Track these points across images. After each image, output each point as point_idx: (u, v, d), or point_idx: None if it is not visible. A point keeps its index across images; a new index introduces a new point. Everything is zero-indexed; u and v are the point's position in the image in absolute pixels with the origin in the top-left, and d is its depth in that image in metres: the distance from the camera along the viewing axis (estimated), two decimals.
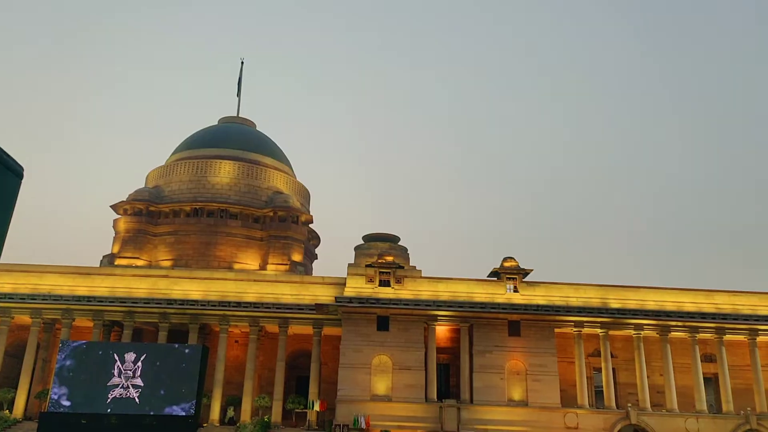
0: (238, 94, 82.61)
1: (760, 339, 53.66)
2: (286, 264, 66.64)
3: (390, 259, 55.46)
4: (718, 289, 55.05)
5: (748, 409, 52.10)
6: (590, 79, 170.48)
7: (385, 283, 54.08)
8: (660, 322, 53.08)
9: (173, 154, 76.76)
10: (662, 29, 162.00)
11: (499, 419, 50.23)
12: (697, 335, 53.38)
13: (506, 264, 55.28)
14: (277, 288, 56.15)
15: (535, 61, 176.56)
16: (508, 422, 50.17)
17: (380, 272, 54.38)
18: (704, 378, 53.56)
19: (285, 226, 68.45)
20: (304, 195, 77.37)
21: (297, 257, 68.25)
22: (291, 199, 70.96)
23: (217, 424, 52.90)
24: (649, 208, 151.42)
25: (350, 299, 52.70)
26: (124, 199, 69.76)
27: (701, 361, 53.47)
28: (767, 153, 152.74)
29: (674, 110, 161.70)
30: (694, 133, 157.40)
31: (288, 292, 55.87)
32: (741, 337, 53.79)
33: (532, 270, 54.68)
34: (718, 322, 52.90)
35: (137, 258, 66.34)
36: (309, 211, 76.32)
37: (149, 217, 68.78)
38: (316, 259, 78.53)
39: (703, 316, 52.90)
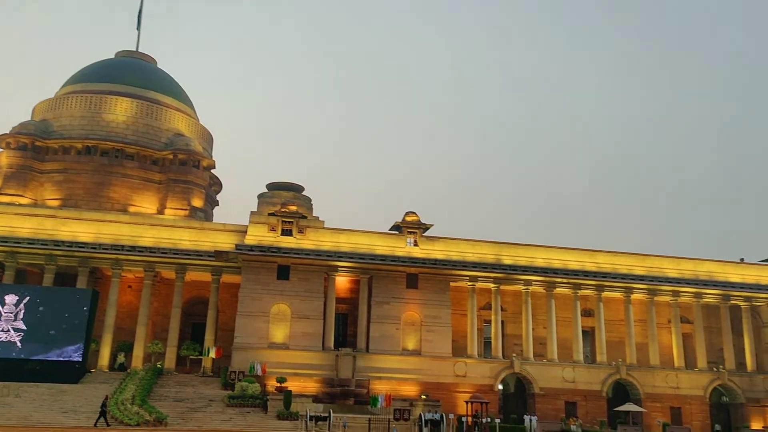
0: (138, 28, 77.75)
1: (634, 296, 58.28)
2: (186, 209, 64.65)
3: (293, 208, 55.13)
4: (600, 250, 59.07)
5: (620, 360, 56.86)
6: (507, 36, 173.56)
7: (287, 233, 53.87)
8: (547, 279, 56.40)
9: (64, 86, 71.56)
10: None
11: (392, 367, 52.08)
12: (579, 291, 57.25)
13: (408, 218, 56.46)
14: (175, 233, 54.53)
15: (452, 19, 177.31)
16: (401, 370, 52.15)
17: (283, 221, 54.06)
18: (583, 331, 57.83)
19: (185, 170, 66.07)
20: (207, 139, 74.80)
21: (197, 203, 66.32)
22: (193, 142, 68.39)
23: (106, 370, 51.45)
24: (548, 167, 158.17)
25: (251, 247, 52.19)
26: (7, 132, 64.60)
27: (581, 315, 57.54)
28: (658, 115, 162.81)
29: (583, 74, 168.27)
30: (598, 100, 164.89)
31: (186, 238, 54.43)
32: (617, 294, 58.19)
33: (432, 225, 56.21)
34: (598, 280, 56.90)
35: (21, 196, 62.00)
36: (211, 156, 73.96)
37: (35, 152, 64.17)
38: (218, 205, 76.70)
39: (586, 273, 56.74)
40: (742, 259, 62.96)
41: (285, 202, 56.78)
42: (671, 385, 56.16)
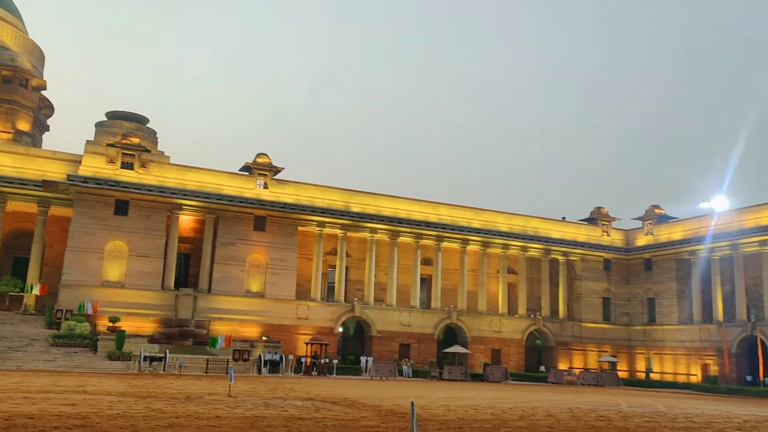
0: None
1: (469, 248, 62.46)
2: (9, 132, 58.27)
3: (136, 140, 51.90)
4: (442, 203, 62.33)
5: (452, 306, 61.07)
6: None
7: (128, 166, 50.77)
8: (392, 228, 58.64)
9: None
10: None
11: (235, 309, 51.85)
12: (420, 241, 60.22)
13: (259, 160, 55.53)
14: None
15: None
16: (244, 312, 52.10)
17: (123, 153, 50.79)
18: (421, 278, 61.20)
19: (11, 89, 59.21)
20: (38, 56, 67.35)
21: (23, 126, 59.99)
22: (19, 57, 61.25)
23: None
24: (400, 121, 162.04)
25: (86, 179, 48.62)
26: None
27: (421, 263, 60.73)
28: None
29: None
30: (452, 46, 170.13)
31: (9, 164, 49.37)
32: (455, 245, 62.01)
33: (283, 168, 55.82)
34: (439, 231, 60.21)
35: None
36: (42, 76, 66.90)
37: None
38: (48, 131, 69.91)
39: (428, 224, 59.75)
40: (563, 218, 69.66)
41: (127, 133, 53.24)
42: (494, 330, 61.56)
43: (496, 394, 33.49)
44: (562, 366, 62.20)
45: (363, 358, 53.72)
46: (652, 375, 62.17)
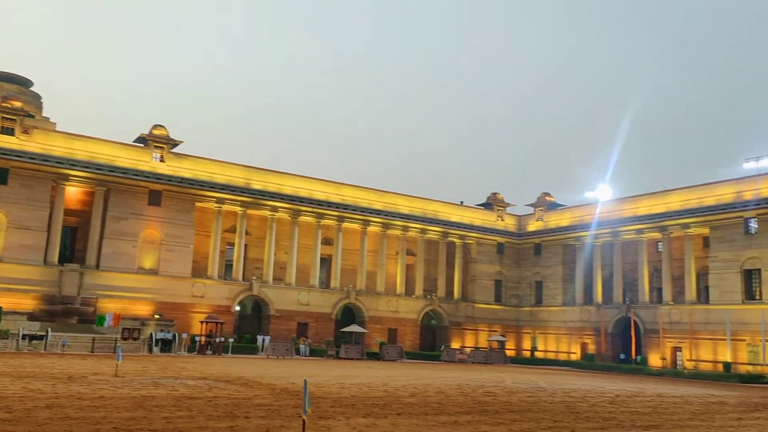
0: None
1: (370, 229, 63.13)
2: None
3: (17, 104, 48.28)
4: (345, 183, 62.50)
5: (351, 286, 61.62)
6: None
7: (8, 131, 47.21)
8: (293, 206, 58.18)
9: None
10: None
11: (126, 286, 49.79)
12: (321, 221, 60.17)
13: (155, 131, 53.26)
14: None
15: None
16: (136, 289, 50.14)
17: (3, 118, 47.15)
18: (321, 258, 61.25)
19: None
20: None
21: None
22: None
23: None
24: (304, 99, 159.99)
25: None
26: None
27: (321, 243, 60.75)
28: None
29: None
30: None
31: None
32: (356, 226, 62.46)
33: (182, 142, 53.89)
34: (340, 211, 60.40)
35: None
36: None
37: None
38: None
39: (330, 204, 59.76)
40: (461, 202, 71.81)
41: (7, 95, 49.40)
42: (392, 310, 62.80)
43: (390, 372, 34.34)
44: (455, 345, 64.49)
45: (260, 337, 53.27)
46: (536, 353, 65.81)
